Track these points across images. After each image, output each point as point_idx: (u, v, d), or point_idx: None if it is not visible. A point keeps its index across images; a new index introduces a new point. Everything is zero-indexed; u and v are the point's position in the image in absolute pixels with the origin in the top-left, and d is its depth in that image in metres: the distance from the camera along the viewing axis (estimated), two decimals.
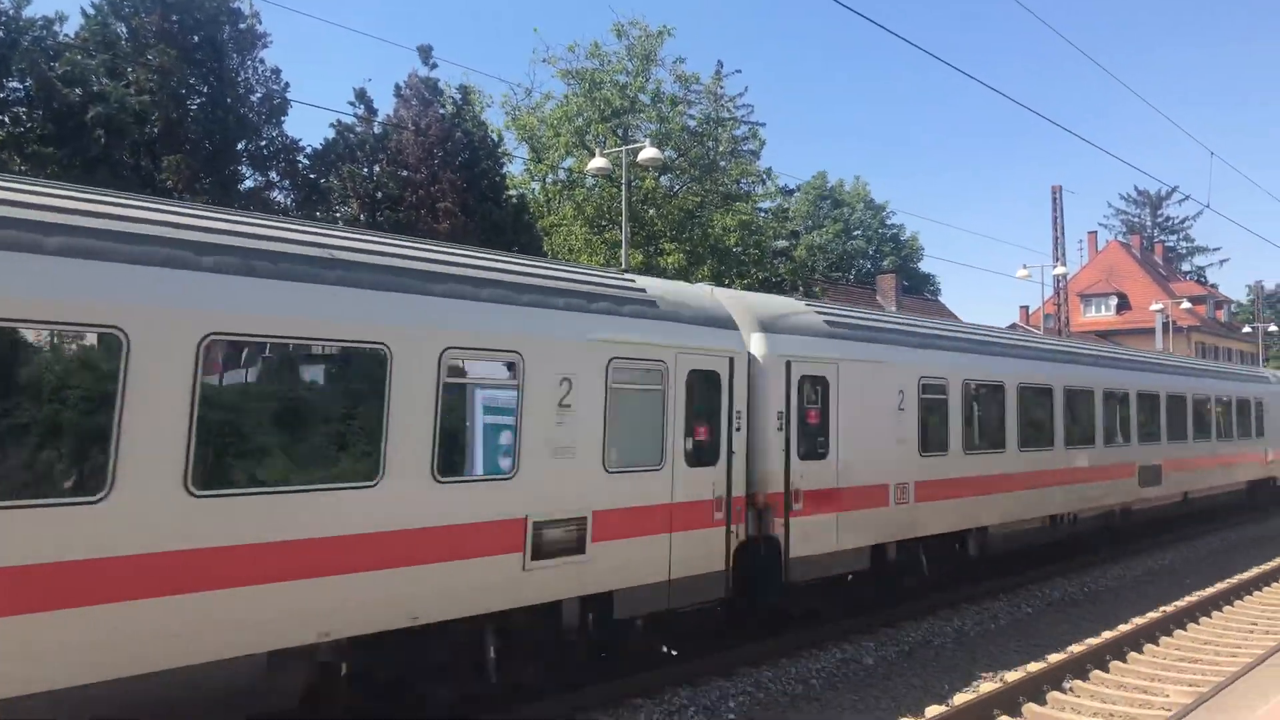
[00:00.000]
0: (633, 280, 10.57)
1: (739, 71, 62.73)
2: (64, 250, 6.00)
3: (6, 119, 19.35)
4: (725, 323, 10.88)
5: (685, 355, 10.09)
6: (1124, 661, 11.68)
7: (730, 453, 10.55)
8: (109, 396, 6.08)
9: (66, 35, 21.12)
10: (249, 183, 24.73)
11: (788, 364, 11.28)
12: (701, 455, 10.33)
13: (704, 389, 10.40)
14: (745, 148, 41.52)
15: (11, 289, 5.73)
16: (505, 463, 8.30)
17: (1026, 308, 71.96)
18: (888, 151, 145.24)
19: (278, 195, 25.54)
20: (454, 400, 7.93)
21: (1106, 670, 11.27)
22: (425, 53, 28.93)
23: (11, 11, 19.69)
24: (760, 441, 10.97)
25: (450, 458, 7.87)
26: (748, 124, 41.94)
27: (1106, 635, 12.51)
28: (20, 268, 5.78)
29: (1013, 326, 54.40)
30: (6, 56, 18.56)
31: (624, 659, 10.24)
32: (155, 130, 21.57)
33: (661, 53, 37.06)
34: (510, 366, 8.37)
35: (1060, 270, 48.45)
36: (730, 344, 10.71)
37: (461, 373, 8.02)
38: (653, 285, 10.75)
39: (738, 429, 10.66)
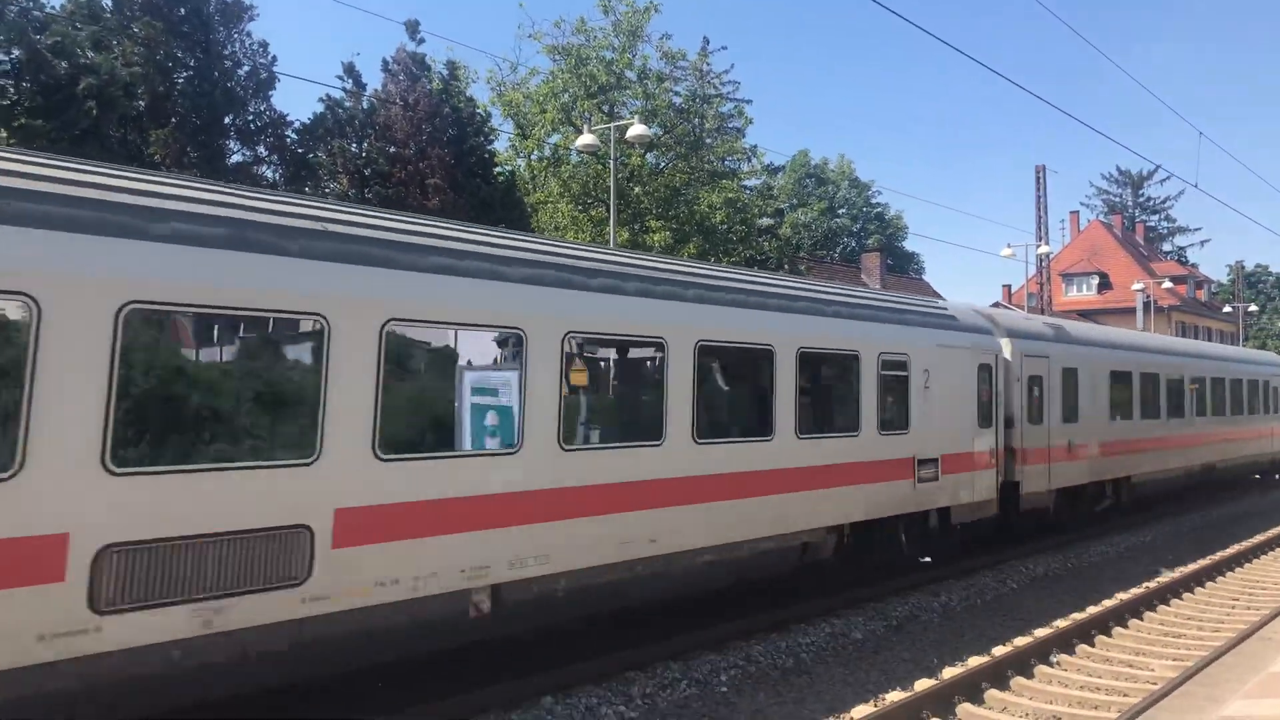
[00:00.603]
0: None
1: (725, 48, 62.39)
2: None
3: None
4: None
5: None
6: (1109, 636, 11.90)
7: None
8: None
9: (52, 7, 20.85)
10: (237, 157, 24.57)
11: None
12: None
13: None
14: (731, 125, 41.43)
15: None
16: None
17: (1009, 286, 72.38)
18: (872, 129, 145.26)
19: (266, 170, 25.35)
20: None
21: (1092, 645, 11.49)
22: (413, 27, 28.73)
23: None
24: None
25: None
26: (734, 101, 41.83)
27: (1091, 610, 12.73)
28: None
29: (995, 305, 54.60)
30: None
31: (617, 633, 10.37)
32: (142, 104, 21.35)
33: (648, 29, 36.91)
34: None
35: (1044, 250, 48.72)
36: None
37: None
38: None
39: None
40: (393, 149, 26.44)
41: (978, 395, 15.05)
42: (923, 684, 9.58)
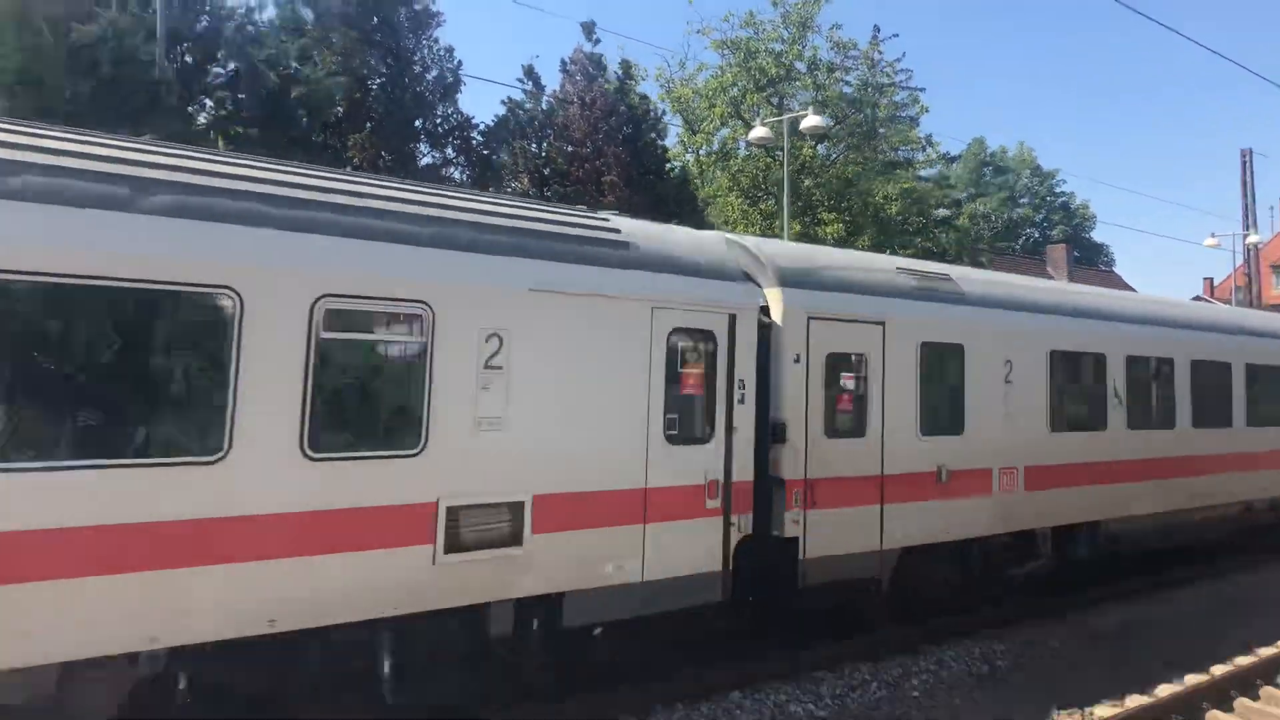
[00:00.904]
0: None
1: (896, 35, 60.71)
2: None
3: (212, 102, 20.82)
4: None
5: None
6: None
7: None
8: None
9: (263, 24, 22.52)
10: (426, 159, 25.79)
11: None
12: None
13: None
14: (905, 114, 40.32)
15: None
16: None
17: (1211, 279, 67.46)
18: (1055, 112, 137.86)
19: (454, 171, 26.51)
20: None
21: None
22: (589, 29, 29.37)
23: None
24: None
25: None
26: (907, 89, 40.65)
27: None
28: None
29: (1195, 299, 51.05)
30: (214, 42, 19.97)
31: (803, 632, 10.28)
32: (340, 110, 22.76)
33: (818, 19, 36.37)
34: None
35: (1253, 239, 45.20)
36: None
37: None
38: None
39: None
40: (570, 148, 27.09)
41: (664, 385, 8.51)
42: (1134, 700, 9.07)
